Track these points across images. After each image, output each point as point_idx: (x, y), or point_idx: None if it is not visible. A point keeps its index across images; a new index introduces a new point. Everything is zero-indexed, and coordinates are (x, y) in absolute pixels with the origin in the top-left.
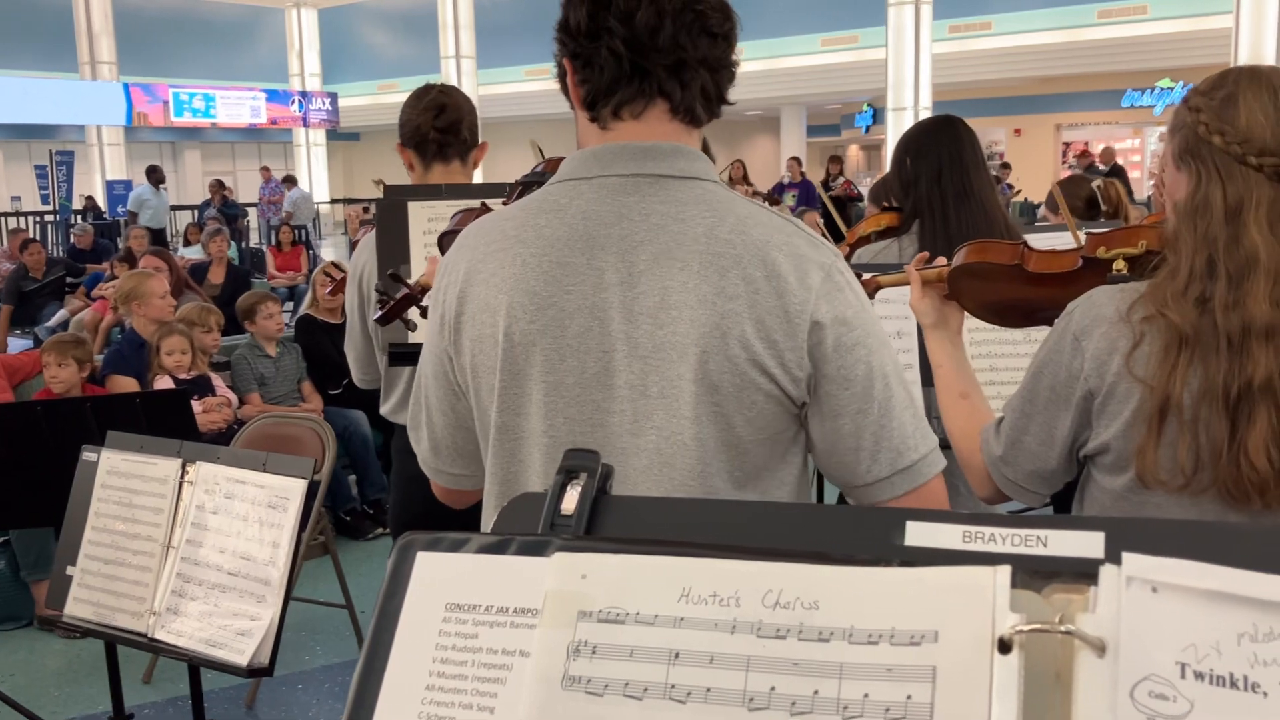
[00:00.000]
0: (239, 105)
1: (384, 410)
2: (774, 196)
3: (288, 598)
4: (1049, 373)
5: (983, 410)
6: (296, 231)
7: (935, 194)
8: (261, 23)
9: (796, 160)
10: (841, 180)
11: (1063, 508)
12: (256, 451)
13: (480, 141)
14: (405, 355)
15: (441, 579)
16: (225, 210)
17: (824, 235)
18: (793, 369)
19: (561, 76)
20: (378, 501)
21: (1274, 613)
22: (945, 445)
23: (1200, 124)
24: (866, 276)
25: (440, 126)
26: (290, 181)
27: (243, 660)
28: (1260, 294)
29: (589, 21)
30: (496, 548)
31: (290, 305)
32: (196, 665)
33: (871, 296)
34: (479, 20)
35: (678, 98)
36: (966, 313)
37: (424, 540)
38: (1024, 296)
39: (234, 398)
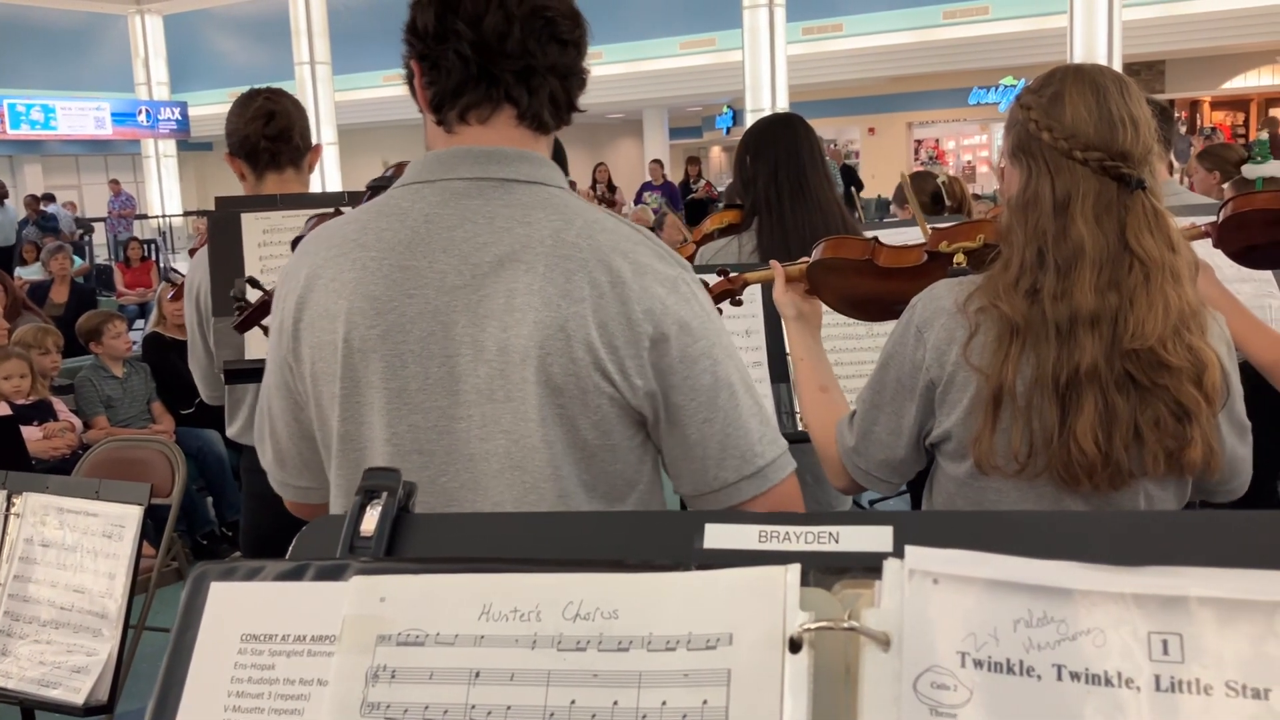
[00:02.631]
0: (81, 116)
1: (230, 432)
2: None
3: (129, 630)
4: (895, 364)
5: (840, 403)
6: (145, 247)
7: (772, 191)
8: (103, 30)
9: (659, 163)
10: (703, 182)
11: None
12: (89, 479)
13: (314, 144)
14: (241, 373)
15: (237, 610)
16: (42, 225)
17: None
18: (633, 377)
19: (409, 79)
20: (236, 523)
21: (1046, 597)
22: (805, 438)
23: (1031, 121)
24: (734, 274)
25: (270, 134)
26: None
27: (78, 699)
28: (1086, 284)
29: (436, 24)
30: (293, 574)
31: (142, 324)
32: (29, 708)
33: (740, 292)
34: (333, 26)
35: (525, 104)
36: (827, 307)
37: (218, 570)
38: (877, 290)
39: (78, 422)
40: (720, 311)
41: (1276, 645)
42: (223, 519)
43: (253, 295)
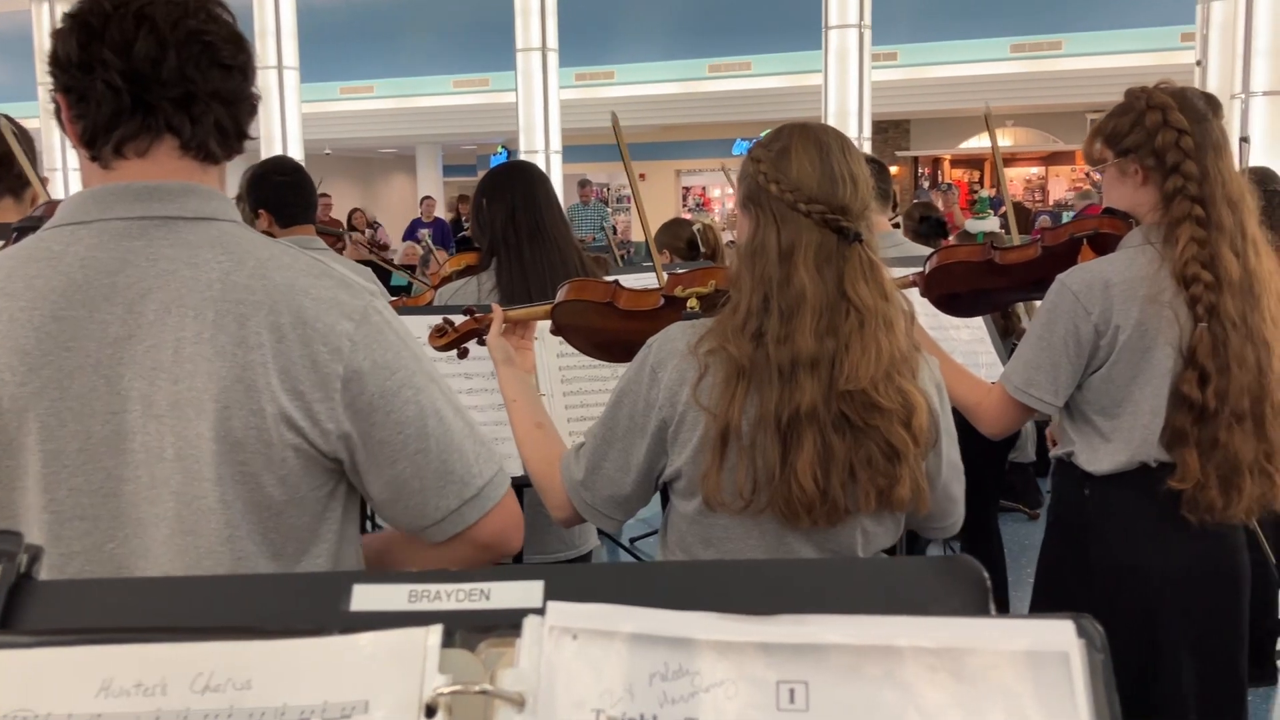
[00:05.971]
0: None
1: None
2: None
3: None
4: (628, 402)
5: (555, 437)
6: None
7: (510, 232)
8: None
9: (430, 199)
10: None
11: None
12: None
13: (42, 177)
14: None
15: None
16: None
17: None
18: (323, 422)
19: (57, 114)
20: None
21: (683, 650)
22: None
23: (760, 173)
24: (480, 314)
25: None
26: None
27: None
28: (807, 329)
29: (80, 53)
30: None
31: None
32: None
33: (486, 331)
34: None
35: (188, 133)
36: (577, 350)
37: None
38: (619, 332)
39: None
40: (467, 352)
41: (893, 689)
42: None
43: None
